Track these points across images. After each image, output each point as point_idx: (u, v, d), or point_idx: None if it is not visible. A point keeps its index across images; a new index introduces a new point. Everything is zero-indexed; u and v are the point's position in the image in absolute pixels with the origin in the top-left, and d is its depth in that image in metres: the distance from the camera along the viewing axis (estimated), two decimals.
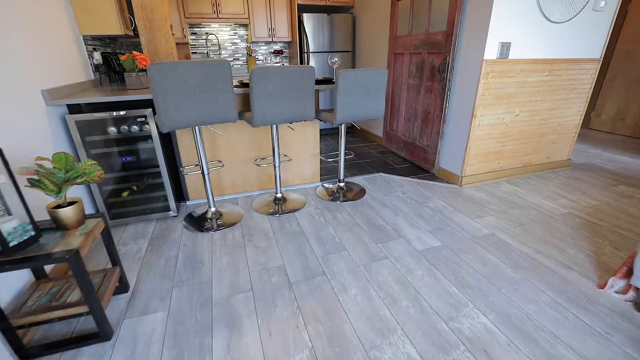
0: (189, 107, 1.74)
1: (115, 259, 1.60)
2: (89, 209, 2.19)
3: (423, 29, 2.97)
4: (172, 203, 2.34)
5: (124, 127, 2.09)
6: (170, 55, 2.46)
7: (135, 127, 2.10)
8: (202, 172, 2.19)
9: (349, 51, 4.53)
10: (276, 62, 2.22)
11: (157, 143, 2.14)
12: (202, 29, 4.48)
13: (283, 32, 4.51)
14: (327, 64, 4.48)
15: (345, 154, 3.38)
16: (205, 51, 4.56)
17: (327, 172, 3.21)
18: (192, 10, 4.08)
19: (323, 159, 2.58)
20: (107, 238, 1.56)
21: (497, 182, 2.98)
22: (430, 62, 2.91)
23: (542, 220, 2.30)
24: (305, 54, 4.34)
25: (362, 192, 2.76)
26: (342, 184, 2.74)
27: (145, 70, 2.34)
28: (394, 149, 3.77)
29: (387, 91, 3.71)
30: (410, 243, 2.02)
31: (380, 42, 3.89)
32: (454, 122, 2.82)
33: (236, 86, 2.23)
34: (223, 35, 4.58)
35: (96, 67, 2.70)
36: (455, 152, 2.86)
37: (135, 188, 2.30)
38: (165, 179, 2.25)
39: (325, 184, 2.91)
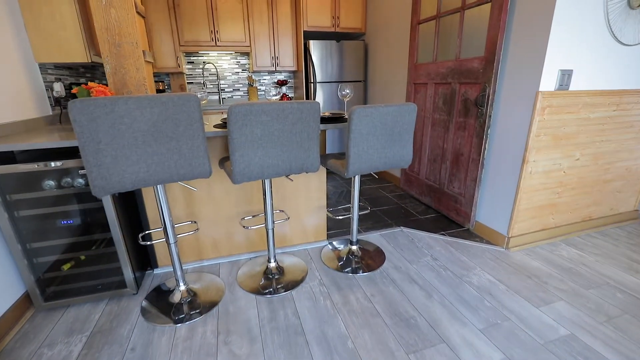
0: (136, 161, 1.20)
1: None
2: (13, 288, 1.62)
3: (452, 54, 2.47)
4: (129, 277, 1.76)
5: (67, 180, 1.56)
6: (142, 86, 2.00)
7: (80, 180, 1.57)
8: (167, 241, 1.62)
9: (360, 81, 4.08)
10: (274, 95, 1.68)
11: (107, 201, 1.59)
12: (200, 58, 4.11)
13: (287, 60, 4.11)
14: (335, 95, 4.02)
15: (360, 206, 2.79)
16: (202, 81, 4.16)
17: (336, 223, 2.62)
18: (188, 38, 3.71)
19: (330, 215, 1.99)
20: None
21: (552, 242, 2.34)
22: (463, 93, 2.38)
23: (635, 310, 1.64)
24: (312, 84, 3.89)
25: (380, 255, 2.15)
26: (354, 247, 2.14)
27: None
28: (414, 193, 3.17)
29: None
30: (457, 355, 1.38)
31: (396, 71, 3.42)
32: (495, 167, 2.24)
33: (218, 125, 1.71)
34: (222, 64, 4.19)
35: (57, 101, 2.23)
36: (498, 205, 2.26)
37: (83, 258, 1.74)
38: (120, 246, 1.69)
39: (333, 243, 2.31)
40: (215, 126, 1.71)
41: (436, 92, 2.68)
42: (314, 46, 3.77)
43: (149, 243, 1.67)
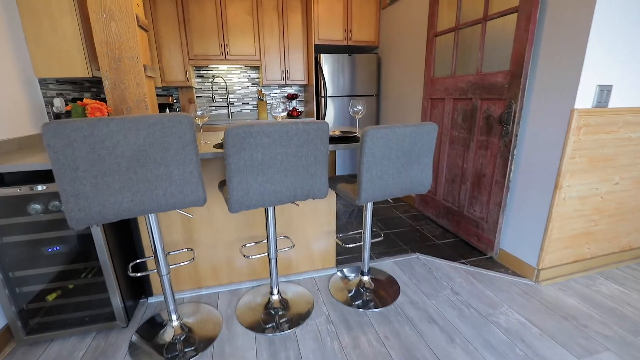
0: (119, 189, 1.06)
1: None
2: None
3: (473, 68, 2.30)
4: (118, 309, 1.61)
5: (54, 204, 1.44)
6: (141, 102, 1.90)
7: None
8: (159, 272, 1.47)
9: (372, 95, 3.93)
10: (281, 112, 1.53)
11: (95, 227, 1.46)
12: (210, 72, 4.05)
13: (298, 74, 4.01)
14: (347, 110, 3.88)
15: (372, 232, 2.59)
16: (211, 95, 4.09)
17: (346, 247, 2.44)
18: (198, 52, 3.65)
19: (340, 242, 1.82)
20: None
21: (588, 275, 2.09)
22: (485, 110, 2.20)
23: None
24: (323, 99, 3.76)
25: (393, 287, 1.95)
26: (366, 278, 1.94)
27: None
28: (430, 214, 2.97)
29: None
30: None
31: (411, 85, 3.26)
32: (522, 191, 2.03)
33: (218, 145, 1.58)
34: (232, 78, 4.12)
35: (57, 117, 2.15)
36: (526, 232, 2.04)
37: (71, 287, 1.60)
38: (109, 276, 1.55)
39: (343, 271, 2.12)
40: (215, 146, 1.57)
41: (455, 108, 2.50)
42: (325, 60, 3.66)
43: (139, 274, 1.52)
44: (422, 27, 2.96)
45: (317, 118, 3.94)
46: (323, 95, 3.74)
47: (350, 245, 1.85)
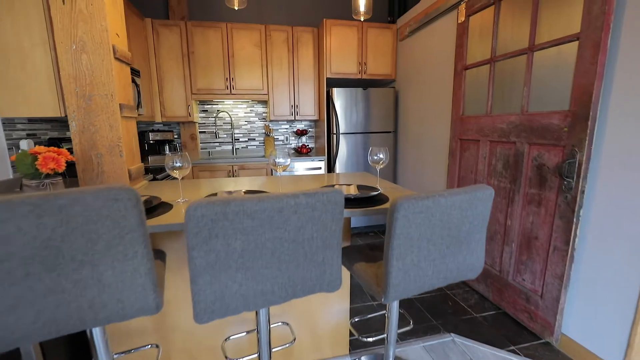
0: (12, 306, 0.67)
1: None
2: None
3: (515, 106, 1.91)
4: None
5: None
6: (115, 148, 1.56)
7: None
8: None
9: (389, 132, 3.58)
10: (282, 162, 1.13)
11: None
12: (214, 106, 3.80)
13: (308, 109, 3.71)
14: (361, 148, 3.52)
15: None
16: (215, 131, 3.82)
17: (362, 324, 1.96)
18: (201, 86, 3.42)
19: (354, 331, 1.37)
20: None
21: None
22: (535, 157, 1.79)
23: None
24: (334, 136, 3.42)
25: None
26: None
27: (61, 174, 1.41)
28: None
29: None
30: None
31: (434, 122, 2.89)
32: (595, 264, 1.56)
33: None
34: (238, 113, 3.86)
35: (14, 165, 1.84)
36: (602, 318, 1.54)
37: None
38: None
39: None
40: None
41: (492, 152, 2.10)
42: (338, 94, 3.36)
43: None
44: (446, 59, 2.63)
45: (329, 155, 3.58)
46: (335, 132, 3.41)
47: (370, 339, 1.39)
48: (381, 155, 1.50)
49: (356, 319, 1.83)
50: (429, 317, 2.06)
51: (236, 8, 2.01)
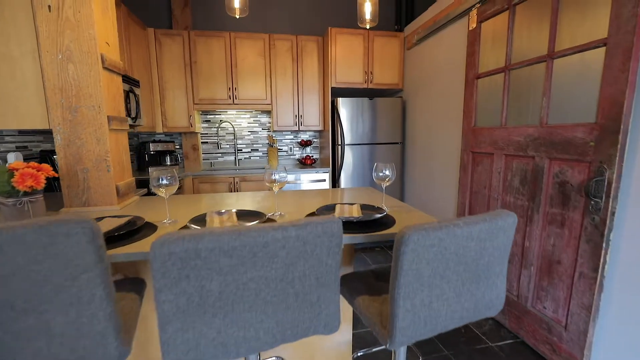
0: None
1: None
2: None
3: (534, 118, 1.77)
4: None
5: None
6: (102, 162, 1.46)
7: None
8: None
9: (397, 143, 3.45)
10: (279, 177, 1.00)
11: None
12: (217, 116, 3.73)
13: (313, 119, 3.61)
14: (367, 160, 3.39)
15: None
16: (217, 141, 3.73)
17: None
18: (204, 96, 3.35)
19: None
20: None
21: None
22: (557, 174, 1.63)
23: None
24: (339, 147, 3.30)
25: None
26: None
27: (42, 191, 1.31)
28: None
29: (462, 207, 2.41)
30: None
31: (444, 133, 2.76)
32: (628, 294, 1.39)
33: (192, 220, 1.07)
34: (241, 123, 3.78)
35: None
36: (637, 355, 1.36)
37: None
38: None
39: None
40: (189, 221, 1.07)
41: (508, 167, 1.95)
42: (343, 104, 3.25)
43: None
44: (456, 68, 2.51)
45: (333, 167, 3.46)
46: (340, 143, 3.29)
47: None
48: (387, 172, 1.37)
49: (359, 354, 1.66)
50: (440, 346, 1.89)
51: (237, 16, 1.93)
